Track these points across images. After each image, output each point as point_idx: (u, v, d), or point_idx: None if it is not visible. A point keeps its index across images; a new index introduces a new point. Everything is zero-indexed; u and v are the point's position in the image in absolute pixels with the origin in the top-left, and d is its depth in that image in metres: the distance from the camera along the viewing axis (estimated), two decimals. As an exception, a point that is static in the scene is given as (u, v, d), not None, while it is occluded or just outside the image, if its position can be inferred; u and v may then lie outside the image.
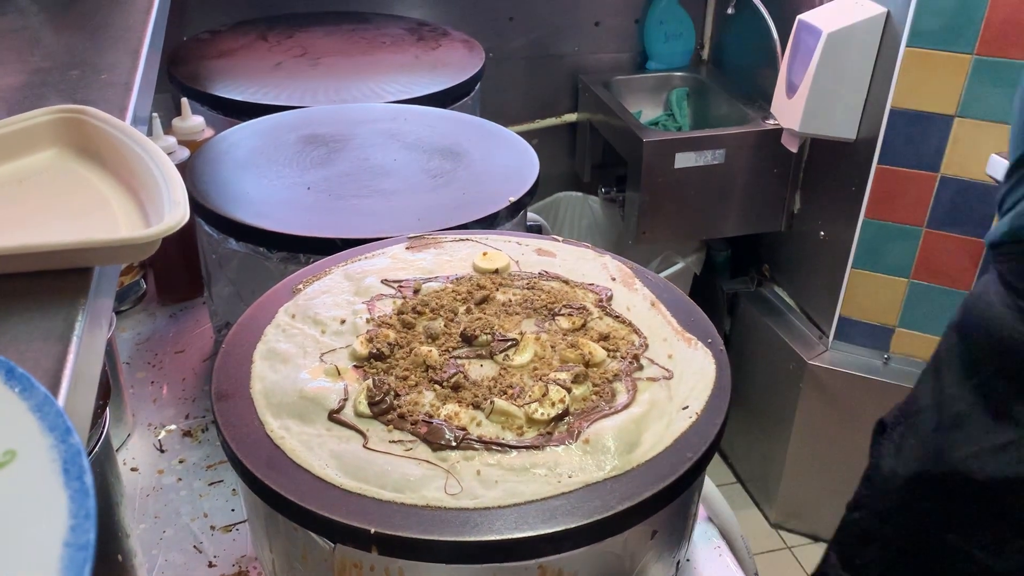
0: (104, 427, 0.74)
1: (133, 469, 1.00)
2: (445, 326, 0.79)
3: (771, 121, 2.01)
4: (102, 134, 0.53)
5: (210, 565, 0.88)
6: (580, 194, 2.43)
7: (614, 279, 0.87)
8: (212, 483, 0.97)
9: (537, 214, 2.03)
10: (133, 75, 0.69)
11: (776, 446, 2.16)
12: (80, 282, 0.42)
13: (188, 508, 0.94)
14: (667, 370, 0.74)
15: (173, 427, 1.06)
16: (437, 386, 0.72)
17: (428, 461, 0.65)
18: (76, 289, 0.42)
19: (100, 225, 0.47)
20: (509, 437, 0.67)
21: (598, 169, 2.37)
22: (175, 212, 0.44)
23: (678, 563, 0.75)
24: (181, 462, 1.01)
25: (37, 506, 0.27)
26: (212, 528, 0.92)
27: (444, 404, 0.70)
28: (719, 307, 2.29)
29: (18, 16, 0.84)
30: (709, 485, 0.94)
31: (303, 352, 0.76)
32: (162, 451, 1.02)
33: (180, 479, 0.98)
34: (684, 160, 2.00)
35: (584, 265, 0.90)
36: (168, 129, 1.27)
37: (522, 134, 1.25)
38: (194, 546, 0.90)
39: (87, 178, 0.52)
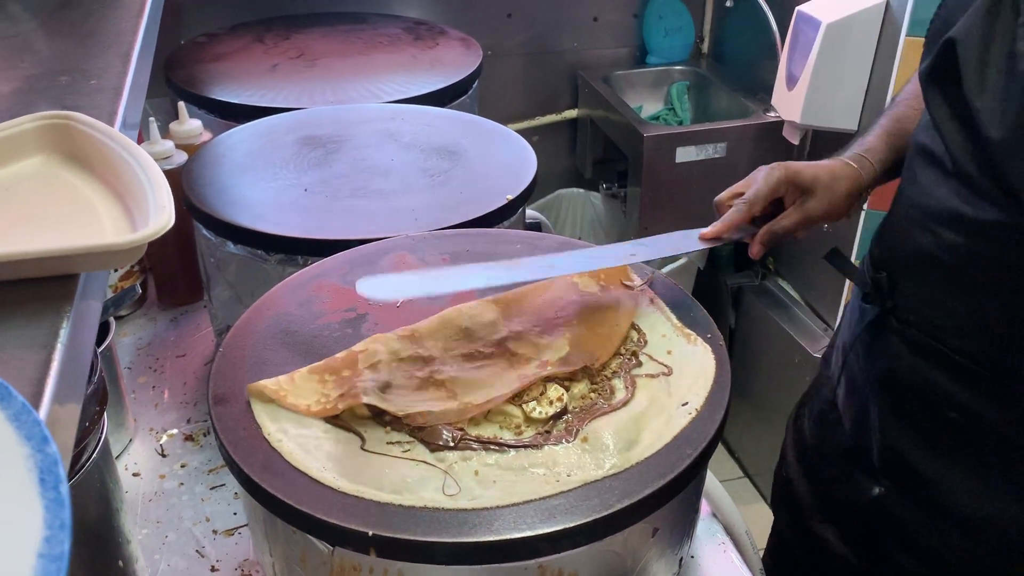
0: (102, 433, 0.74)
1: (135, 474, 0.99)
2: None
3: (772, 114, 2.00)
4: (89, 139, 0.52)
5: (213, 569, 0.88)
6: (581, 191, 2.42)
7: (612, 275, 0.87)
8: (214, 487, 0.97)
9: (539, 211, 2.02)
10: (123, 80, 0.69)
11: (783, 439, 2.15)
12: (65, 289, 0.42)
13: (190, 512, 0.94)
14: (666, 366, 0.74)
15: (175, 431, 1.06)
16: (434, 386, 0.71)
17: (426, 462, 0.65)
18: (61, 296, 0.42)
19: (87, 231, 0.47)
20: (507, 436, 0.67)
21: (599, 165, 2.36)
22: (160, 217, 0.44)
23: (681, 560, 0.75)
24: (183, 466, 1.00)
25: (12, 516, 0.27)
26: (214, 532, 0.92)
27: (441, 404, 0.69)
28: (723, 301, 2.28)
29: (9, 24, 0.83)
30: (712, 481, 0.93)
31: (300, 354, 0.76)
32: (164, 455, 1.02)
33: (182, 483, 0.98)
34: (685, 154, 1.99)
35: (582, 262, 0.89)
36: (166, 133, 1.27)
37: (522, 131, 1.24)
38: (196, 550, 0.90)
39: (75, 184, 0.52)
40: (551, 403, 0.69)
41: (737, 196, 0.96)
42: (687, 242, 0.93)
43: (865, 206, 1.83)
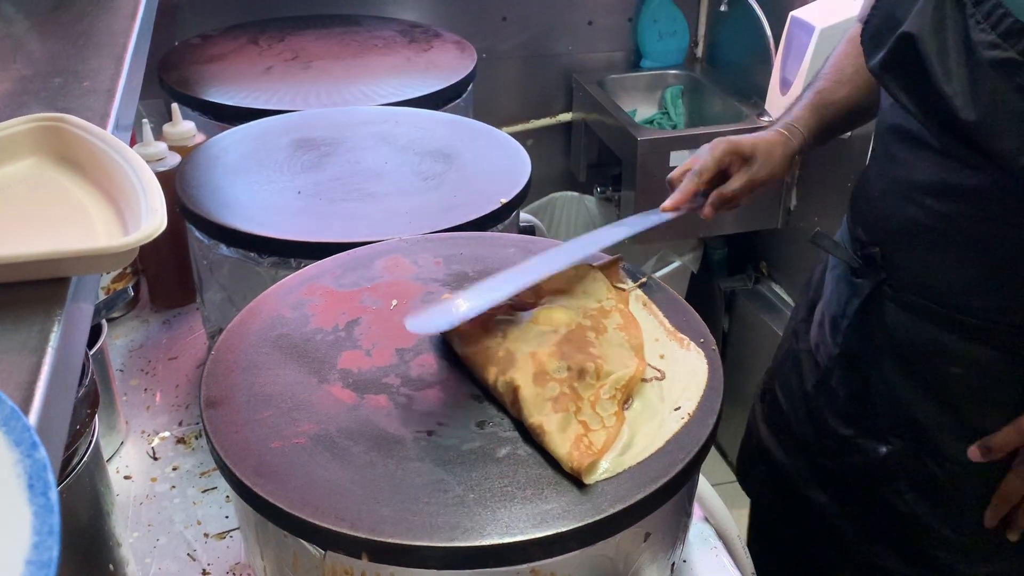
0: (93, 436, 0.74)
1: (126, 477, 0.99)
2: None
3: (766, 118, 2.00)
4: (81, 142, 0.52)
5: (204, 573, 0.87)
6: (576, 194, 2.42)
7: (606, 279, 0.87)
8: (206, 490, 0.97)
9: (533, 215, 2.02)
10: (116, 82, 0.68)
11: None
12: (56, 292, 0.42)
13: (182, 516, 0.94)
14: (659, 371, 0.74)
15: (167, 434, 1.05)
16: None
17: (418, 466, 0.65)
18: (51, 299, 0.41)
19: (78, 234, 0.47)
20: (500, 441, 0.67)
21: (594, 168, 2.36)
22: (152, 220, 0.44)
23: (673, 565, 0.75)
24: (175, 469, 1.00)
25: (0, 522, 0.27)
26: (206, 535, 0.91)
27: (434, 408, 0.69)
28: (717, 305, 2.28)
29: (2, 25, 0.83)
30: (704, 485, 0.93)
31: (292, 358, 0.76)
32: (155, 458, 1.02)
33: (173, 487, 0.98)
34: (679, 158, 1.99)
35: (575, 266, 0.89)
36: (159, 135, 1.27)
37: (517, 135, 1.24)
38: (188, 554, 0.89)
39: (66, 187, 0.51)
40: (544, 407, 0.68)
41: (687, 171, 1.06)
42: (653, 216, 1.05)
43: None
